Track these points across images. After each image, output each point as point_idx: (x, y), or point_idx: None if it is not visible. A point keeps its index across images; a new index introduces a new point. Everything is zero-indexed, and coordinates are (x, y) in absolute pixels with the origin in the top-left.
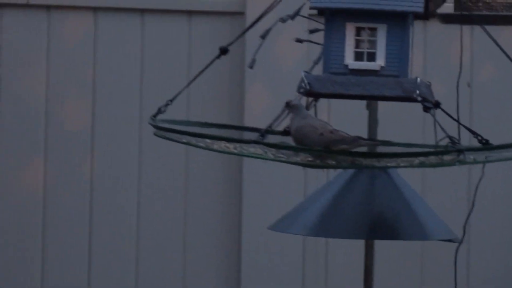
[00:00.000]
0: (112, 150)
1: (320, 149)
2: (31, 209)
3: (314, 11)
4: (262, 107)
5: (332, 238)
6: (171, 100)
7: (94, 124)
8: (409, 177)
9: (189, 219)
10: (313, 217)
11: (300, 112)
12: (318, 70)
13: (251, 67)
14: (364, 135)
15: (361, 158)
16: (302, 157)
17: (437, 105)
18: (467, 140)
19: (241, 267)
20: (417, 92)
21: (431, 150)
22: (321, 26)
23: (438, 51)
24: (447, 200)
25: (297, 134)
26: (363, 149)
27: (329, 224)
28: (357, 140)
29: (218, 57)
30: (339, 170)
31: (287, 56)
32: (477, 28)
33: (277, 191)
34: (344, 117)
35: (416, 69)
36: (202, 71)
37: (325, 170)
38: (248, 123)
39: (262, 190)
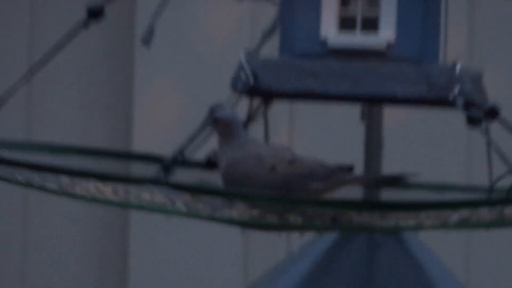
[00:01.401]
0: None
1: (276, 198)
2: None
3: None
4: (166, 117)
5: None
6: None
7: None
8: (441, 246)
9: None
10: None
11: (236, 133)
12: (270, 50)
13: (146, 43)
14: (359, 166)
15: (351, 211)
16: (240, 209)
17: (492, 113)
18: None
19: None
20: (456, 90)
21: (481, 197)
22: None
23: (495, 15)
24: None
25: (231, 172)
26: (356, 193)
27: None
28: (339, 173)
29: (85, 25)
30: (310, 235)
31: (214, 24)
32: None
33: (194, 270)
34: (320, 137)
35: (455, 48)
36: (54, 51)
37: (284, 234)
38: (140, 146)
39: (163, 269)
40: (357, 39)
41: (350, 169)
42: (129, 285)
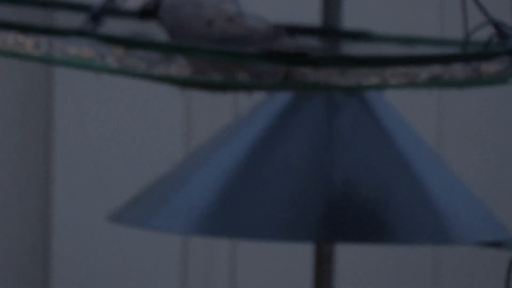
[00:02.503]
0: None
1: (220, 51)
2: None
3: None
4: None
5: (243, 239)
6: None
7: None
8: (409, 108)
9: None
10: (204, 197)
11: None
12: None
13: None
14: (314, 18)
15: (307, 68)
16: (179, 65)
17: None
18: None
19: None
20: None
21: (456, 52)
22: None
23: None
24: (492, 160)
25: (168, 19)
26: (312, 47)
27: (237, 212)
28: (281, 34)
29: None
30: (260, 95)
31: None
32: None
33: (126, 133)
34: None
35: None
36: None
37: (230, 93)
38: None
39: (91, 132)
40: None
41: (293, 31)
42: (54, 149)
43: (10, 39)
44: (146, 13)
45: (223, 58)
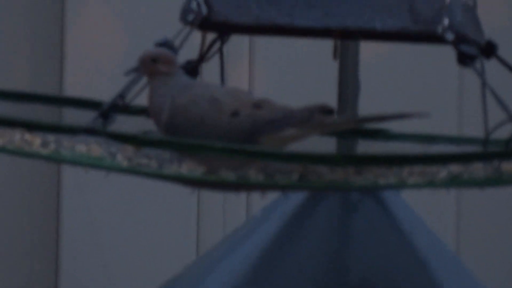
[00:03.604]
0: None
1: (233, 148)
2: None
3: None
4: (103, 56)
5: None
6: None
7: None
8: (427, 207)
9: None
10: None
11: (177, 72)
12: None
13: None
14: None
15: (322, 166)
16: (191, 163)
17: (488, 50)
18: None
19: None
20: (445, 22)
21: (475, 150)
22: None
23: None
24: (505, 256)
25: (178, 121)
26: (327, 145)
27: None
28: (320, 115)
29: None
30: (274, 195)
31: None
32: None
33: (137, 235)
34: (285, 79)
35: None
36: None
37: (243, 193)
38: (73, 89)
39: (98, 237)
40: None
41: (330, 111)
42: (62, 246)
43: (17, 137)
44: None
45: (237, 156)
